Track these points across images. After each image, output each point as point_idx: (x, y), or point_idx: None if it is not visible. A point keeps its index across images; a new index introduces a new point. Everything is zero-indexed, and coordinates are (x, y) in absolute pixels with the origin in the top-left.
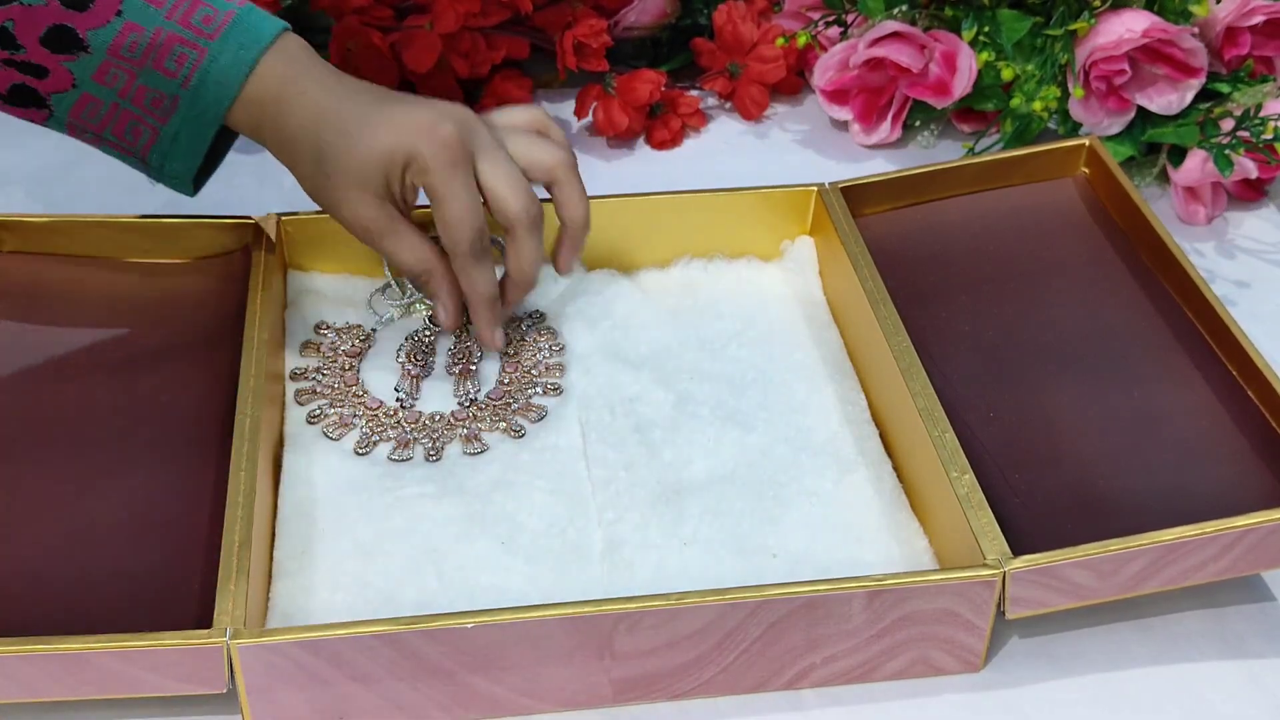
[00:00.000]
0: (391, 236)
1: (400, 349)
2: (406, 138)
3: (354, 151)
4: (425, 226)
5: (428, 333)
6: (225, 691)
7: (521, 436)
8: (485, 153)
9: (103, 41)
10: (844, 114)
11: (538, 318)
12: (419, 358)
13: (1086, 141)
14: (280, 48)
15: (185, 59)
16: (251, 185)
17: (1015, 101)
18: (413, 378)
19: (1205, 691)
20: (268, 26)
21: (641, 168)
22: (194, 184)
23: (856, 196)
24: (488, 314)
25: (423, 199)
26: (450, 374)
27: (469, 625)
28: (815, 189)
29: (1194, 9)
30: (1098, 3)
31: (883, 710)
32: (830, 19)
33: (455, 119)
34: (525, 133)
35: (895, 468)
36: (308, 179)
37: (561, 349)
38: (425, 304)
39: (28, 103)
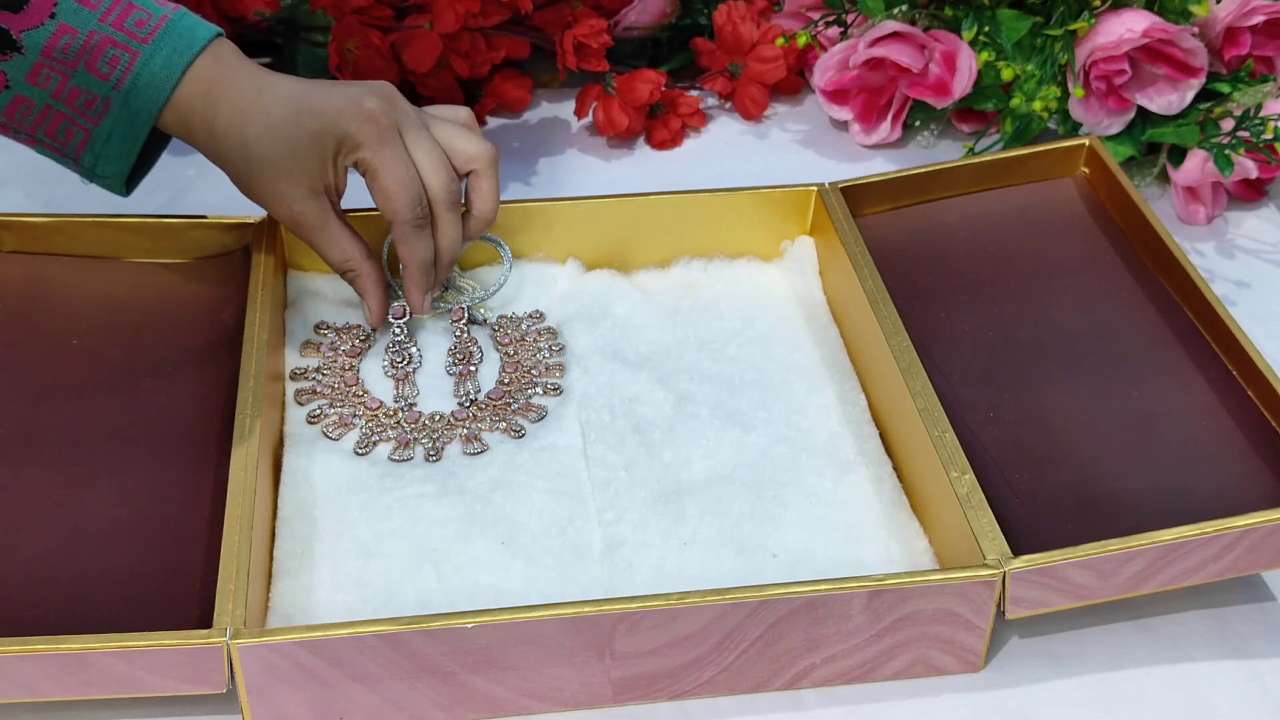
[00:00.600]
0: (322, 232)
1: (384, 360)
2: (333, 121)
3: (281, 143)
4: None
5: (397, 331)
6: (225, 691)
7: (521, 436)
8: (410, 129)
9: (36, 43)
10: (844, 114)
11: (538, 318)
12: (400, 359)
13: (1086, 141)
14: (212, 52)
15: (118, 61)
16: None
17: (1015, 101)
18: (401, 379)
19: (1205, 691)
20: (201, 31)
21: (641, 168)
22: (126, 185)
23: (856, 196)
24: (422, 279)
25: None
26: (450, 374)
27: (469, 625)
28: (815, 189)
29: (1194, 9)
30: (1098, 3)
31: (883, 710)
32: (830, 19)
33: (379, 94)
34: (452, 123)
35: (895, 468)
36: (238, 176)
37: (561, 349)
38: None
39: None
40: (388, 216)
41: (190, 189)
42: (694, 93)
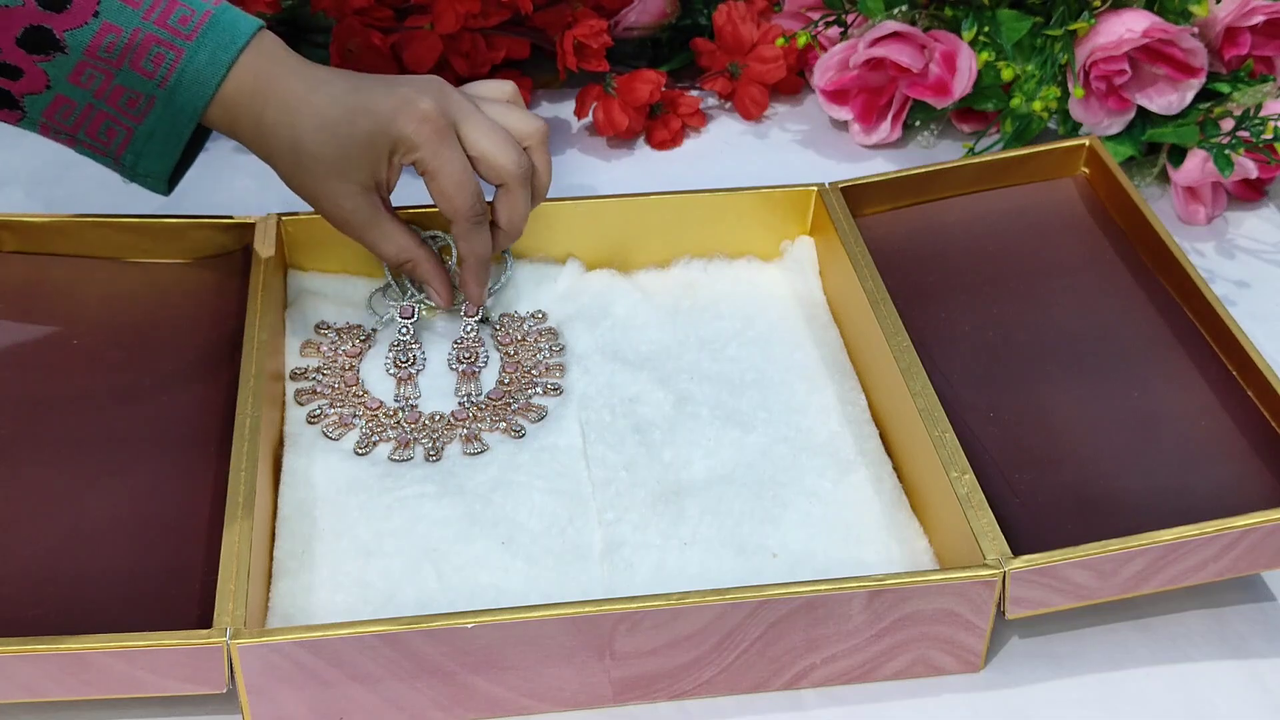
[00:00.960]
0: (374, 229)
1: (387, 359)
2: (387, 122)
3: (334, 142)
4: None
5: (403, 331)
6: (225, 691)
7: (521, 437)
8: (467, 119)
9: (80, 42)
10: (844, 114)
11: (539, 318)
12: (404, 359)
13: (1086, 141)
14: (256, 46)
15: (162, 59)
16: (252, 185)
17: (1015, 101)
18: (404, 380)
19: (1205, 691)
20: (244, 25)
21: (641, 168)
22: (168, 183)
23: (856, 196)
24: (483, 273)
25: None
26: (453, 370)
27: (469, 625)
28: (815, 189)
29: (1194, 9)
30: (1098, 3)
31: (883, 710)
32: (830, 19)
33: (431, 93)
34: (499, 103)
35: (895, 468)
36: (287, 173)
37: (561, 349)
38: (428, 305)
39: None
40: (448, 215)
41: (191, 189)
42: (694, 93)
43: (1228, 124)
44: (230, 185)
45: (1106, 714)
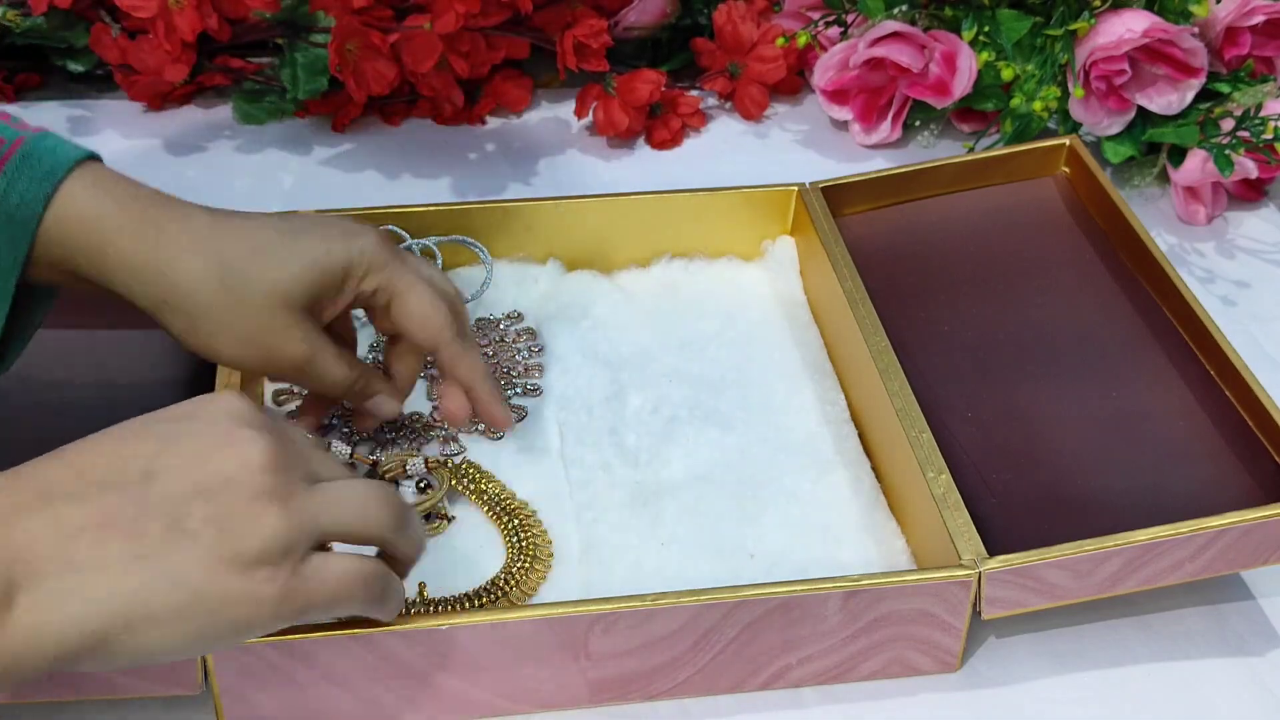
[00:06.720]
0: (320, 357)
1: (366, 360)
2: (337, 243)
3: (274, 267)
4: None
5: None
6: (199, 693)
7: (499, 438)
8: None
9: None
10: (844, 114)
11: (515, 318)
12: (382, 360)
13: (1067, 141)
14: (91, 167)
15: None
16: (252, 185)
17: (1015, 101)
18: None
19: (1205, 691)
20: (66, 150)
21: (641, 168)
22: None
23: (837, 196)
24: (495, 390)
25: None
26: (422, 377)
27: (444, 626)
28: (795, 189)
29: (1194, 9)
30: (1098, 3)
31: (859, 711)
32: (830, 19)
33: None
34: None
35: (874, 468)
36: (199, 309)
37: (540, 349)
38: None
39: None
40: (427, 342)
41: (192, 189)
42: (694, 93)
43: (1228, 124)
44: (230, 185)
45: (1080, 713)
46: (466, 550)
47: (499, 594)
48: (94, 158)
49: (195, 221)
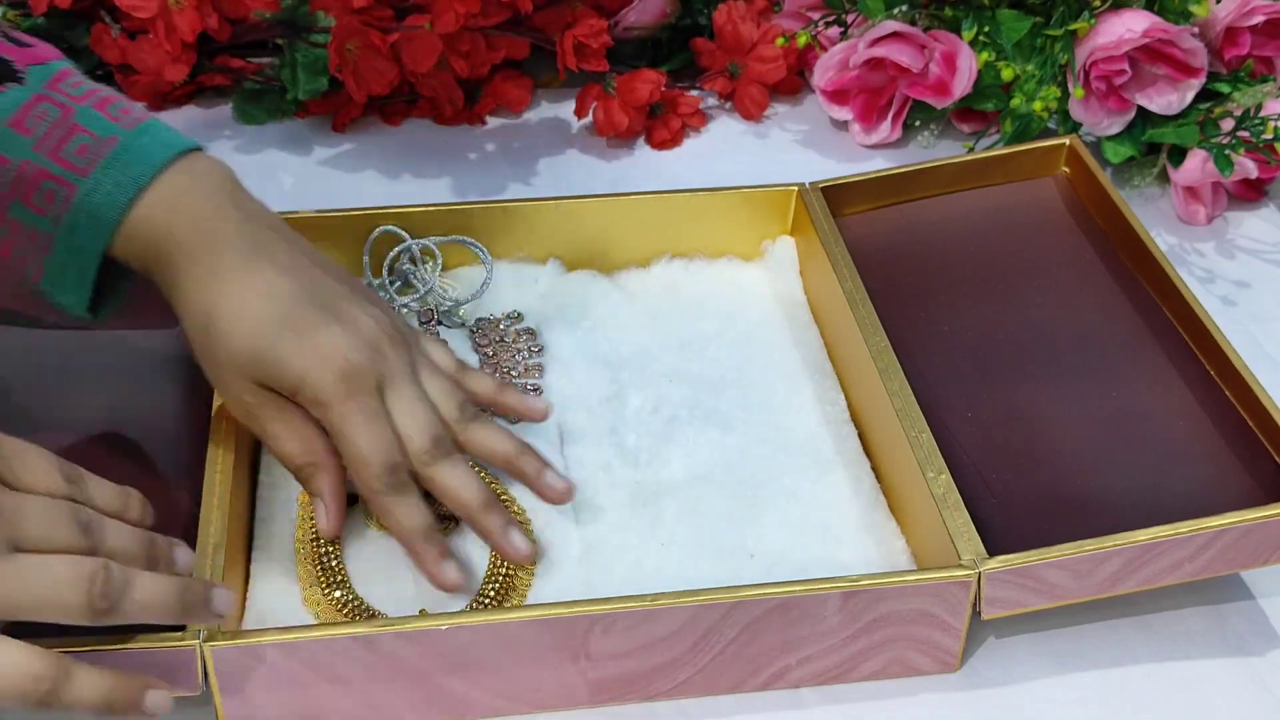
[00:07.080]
0: (275, 421)
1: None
2: (295, 361)
3: (239, 337)
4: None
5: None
6: (199, 694)
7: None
8: (395, 385)
9: None
10: (844, 114)
11: (515, 318)
12: None
13: (1067, 141)
14: (182, 169)
15: (54, 196)
16: (252, 185)
17: (1015, 101)
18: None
19: (1205, 690)
20: (157, 153)
21: (641, 168)
22: (93, 311)
23: (837, 196)
24: (430, 549)
25: None
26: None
27: (444, 627)
28: (795, 189)
29: (1194, 9)
30: (1098, 3)
31: (859, 711)
32: (830, 19)
33: (369, 338)
34: (438, 373)
35: (874, 468)
36: (193, 345)
37: (540, 349)
38: (409, 307)
39: None
40: (357, 485)
41: None
42: (694, 93)
43: (1228, 124)
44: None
45: (1082, 713)
46: (467, 550)
47: (485, 601)
48: (188, 151)
49: (228, 259)
